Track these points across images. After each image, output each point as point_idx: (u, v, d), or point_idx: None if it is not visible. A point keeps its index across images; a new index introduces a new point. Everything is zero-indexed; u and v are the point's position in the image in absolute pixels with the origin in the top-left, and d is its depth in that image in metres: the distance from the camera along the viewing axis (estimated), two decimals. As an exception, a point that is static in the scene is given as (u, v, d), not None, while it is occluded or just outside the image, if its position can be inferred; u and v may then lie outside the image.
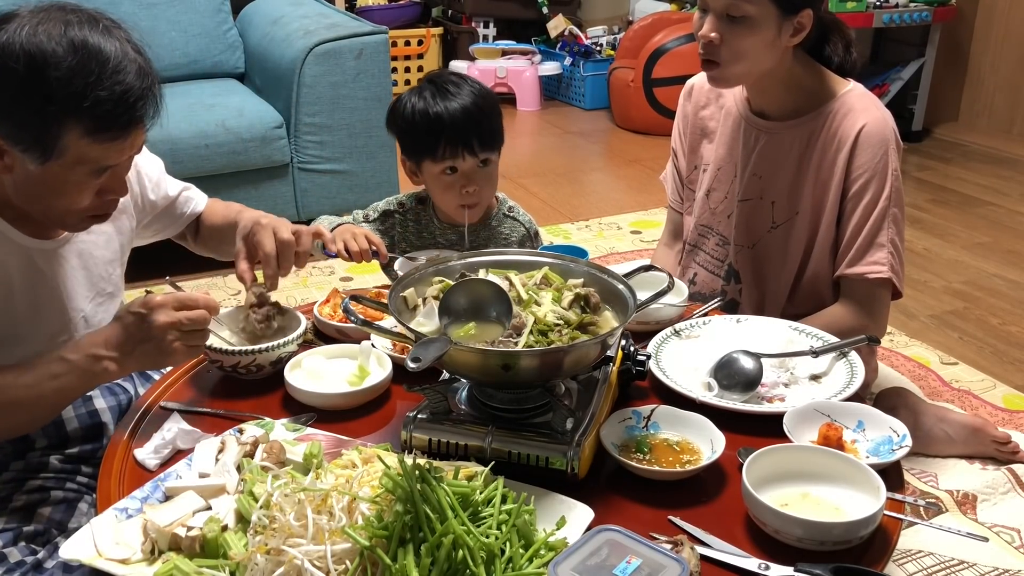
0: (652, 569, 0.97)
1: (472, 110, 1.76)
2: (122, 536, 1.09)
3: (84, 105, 1.20)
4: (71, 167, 1.26)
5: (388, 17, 5.38)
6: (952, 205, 3.81)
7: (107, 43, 1.23)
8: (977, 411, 2.27)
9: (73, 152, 1.24)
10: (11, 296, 1.39)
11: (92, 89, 1.20)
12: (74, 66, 1.19)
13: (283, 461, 1.20)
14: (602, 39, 5.45)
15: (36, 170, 1.25)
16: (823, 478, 1.19)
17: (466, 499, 1.03)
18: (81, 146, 1.24)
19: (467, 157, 1.76)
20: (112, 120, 1.23)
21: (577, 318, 1.26)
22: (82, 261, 1.49)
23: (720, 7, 1.62)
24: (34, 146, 1.23)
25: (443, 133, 1.75)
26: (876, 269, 1.73)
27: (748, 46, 1.63)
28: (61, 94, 1.20)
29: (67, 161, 1.25)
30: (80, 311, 1.50)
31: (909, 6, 4.32)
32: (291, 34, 3.21)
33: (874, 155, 1.69)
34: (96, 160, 1.27)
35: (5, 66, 1.19)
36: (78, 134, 1.22)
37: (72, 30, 1.21)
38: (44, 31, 1.20)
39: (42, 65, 1.19)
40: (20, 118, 1.22)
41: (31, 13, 1.23)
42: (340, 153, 3.20)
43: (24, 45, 1.19)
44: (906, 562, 1.77)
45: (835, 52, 1.77)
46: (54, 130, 1.22)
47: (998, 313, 2.90)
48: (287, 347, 1.46)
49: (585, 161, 4.52)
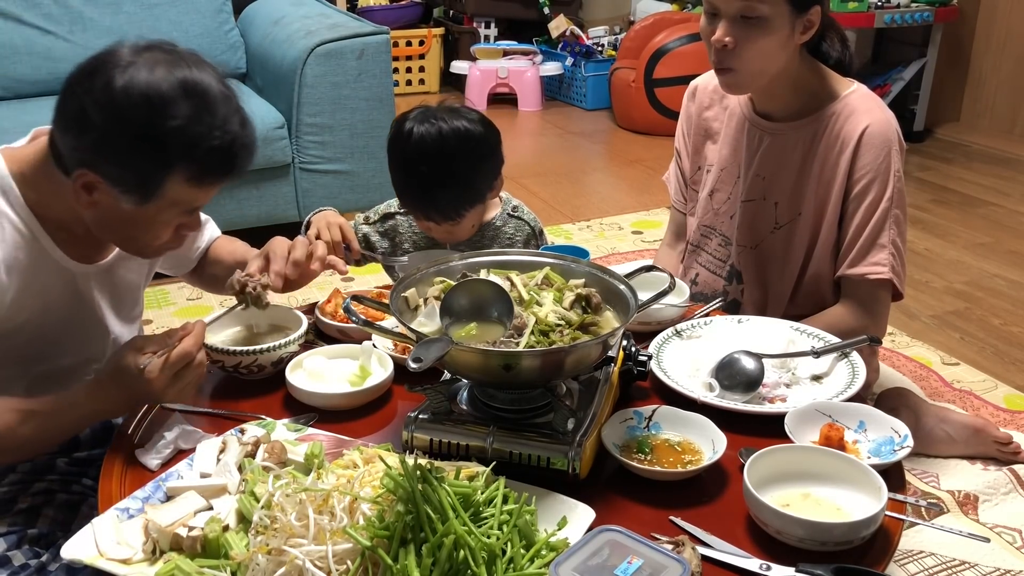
0: (653, 569, 0.97)
1: (442, 186, 1.67)
2: (123, 536, 1.09)
3: (195, 154, 1.20)
4: (165, 208, 1.26)
5: (389, 17, 5.38)
6: (953, 205, 3.81)
7: (213, 87, 1.22)
8: (978, 411, 2.27)
9: (171, 195, 1.24)
10: (47, 313, 1.39)
11: (205, 139, 1.20)
12: (191, 114, 1.18)
13: (284, 461, 1.20)
14: (603, 39, 5.45)
15: (129, 209, 1.24)
16: (824, 478, 1.19)
17: (467, 499, 1.03)
18: (180, 190, 1.24)
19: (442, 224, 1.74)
20: (217, 168, 1.24)
21: (578, 318, 1.26)
22: (115, 286, 1.49)
23: (734, 10, 1.59)
24: (136, 189, 1.22)
25: (416, 205, 1.73)
26: (877, 270, 1.72)
27: (764, 48, 1.61)
28: (177, 142, 1.19)
29: (163, 203, 1.25)
30: (111, 334, 1.51)
31: (911, 6, 4.32)
32: (292, 34, 3.21)
33: (876, 156, 1.69)
34: (190, 202, 1.27)
35: (125, 111, 1.17)
36: (181, 180, 1.22)
37: (182, 71, 1.20)
38: (161, 75, 1.18)
39: (162, 112, 1.17)
40: (130, 162, 1.21)
41: (134, 52, 1.21)
42: (341, 153, 3.20)
43: (144, 90, 1.17)
44: (907, 562, 1.76)
45: (832, 48, 1.77)
46: (160, 177, 1.21)
47: (999, 313, 2.89)
48: (288, 347, 1.46)
49: (586, 161, 4.52)
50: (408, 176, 1.70)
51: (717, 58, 1.66)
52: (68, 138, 1.22)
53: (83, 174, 1.22)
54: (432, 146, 1.66)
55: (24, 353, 1.39)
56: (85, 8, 3.21)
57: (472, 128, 1.68)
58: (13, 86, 3.14)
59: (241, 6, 3.70)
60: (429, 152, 1.66)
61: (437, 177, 1.67)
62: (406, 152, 1.68)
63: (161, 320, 2.74)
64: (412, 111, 1.72)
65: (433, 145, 1.66)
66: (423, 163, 1.66)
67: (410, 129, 1.68)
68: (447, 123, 1.67)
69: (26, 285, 1.33)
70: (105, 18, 3.25)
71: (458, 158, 1.67)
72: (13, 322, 1.33)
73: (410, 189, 1.72)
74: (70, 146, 1.22)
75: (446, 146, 1.66)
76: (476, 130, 1.69)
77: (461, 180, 1.69)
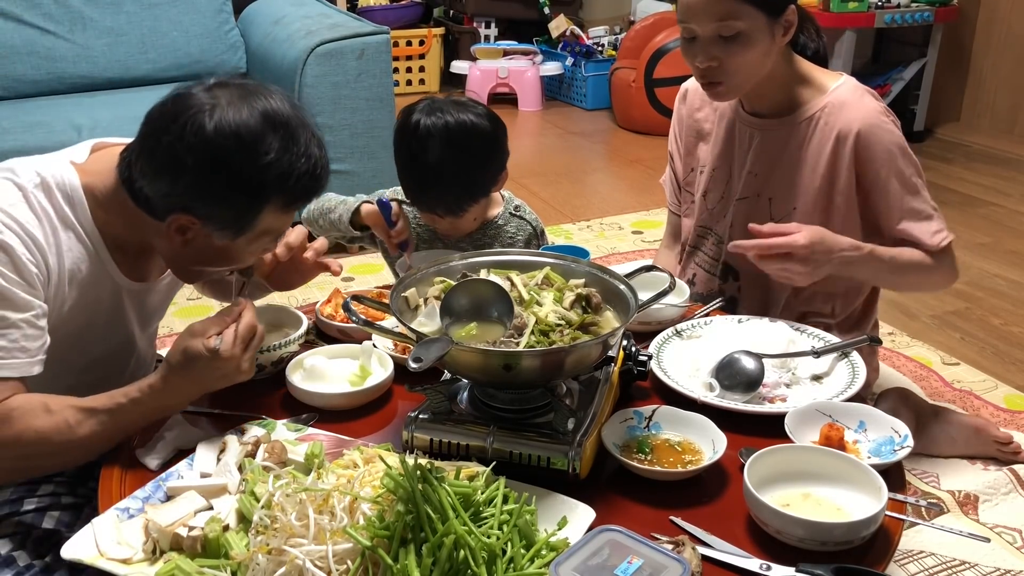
0: (653, 569, 0.97)
1: (447, 179, 1.67)
2: (124, 536, 1.10)
3: (287, 184, 1.21)
4: (257, 238, 1.27)
5: (390, 17, 5.39)
6: (954, 205, 3.81)
7: (289, 113, 1.23)
8: (979, 411, 2.27)
9: (264, 225, 1.25)
10: (92, 329, 1.39)
11: (295, 167, 1.21)
12: (280, 146, 1.19)
13: (284, 461, 1.21)
14: (604, 39, 5.45)
15: (222, 244, 1.25)
16: (825, 478, 1.19)
17: (467, 499, 1.03)
18: (273, 219, 1.25)
19: (445, 217, 1.75)
20: (307, 192, 1.26)
21: (579, 318, 1.26)
22: (147, 303, 1.50)
23: (710, 31, 1.60)
24: (232, 225, 1.23)
25: (421, 198, 1.74)
26: (938, 239, 1.74)
27: (747, 60, 1.62)
28: (272, 176, 1.20)
29: (255, 234, 1.26)
30: (136, 348, 1.52)
31: (911, 6, 4.32)
32: (293, 34, 3.21)
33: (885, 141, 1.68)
34: (279, 229, 1.29)
35: (220, 153, 1.18)
36: (275, 209, 1.23)
37: (261, 102, 1.20)
38: (246, 112, 1.19)
39: (255, 149, 1.18)
40: (228, 202, 1.21)
41: (209, 91, 1.21)
42: (342, 153, 3.20)
43: (236, 129, 1.18)
44: (908, 562, 1.76)
45: (810, 38, 1.79)
46: (256, 208, 1.22)
47: (1000, 313, 2.89)
48: (288, 347, 1.46)
49: (587, 161, 4.52)
50: (414, 168, 1.70)
51: (702, 76, 1.67)
52: (160, 184, 1.23)
53: (178, 218, 1.23)
54: (438, 139, 1.65)
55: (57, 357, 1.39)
56: (85, 8, 3.22)
57: (478, 122, 1.68)
58: (13, 86, 3.15)
59: (241, 6, 3.70)
60: (435, 145, 1.65)
61: (442, 170, 1.66)
62: (412, 144, 1.68)
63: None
64: (419, 103, 1.71)
65: (439, 138, 1.65)
66: (429, 155, 1.66)
67: (417, 121, 1.67)
68: (453, 116, 1.66)
69: (83, 296, 1.34)
70: (105, 18, 3.25)
71: (464, 152, 1.66)
72: (59, 332, 1.32)
73: (415, 182, 1.72)
74: (162, 192, 1.23)
75: (452, 139, 1.65)
76: (482, 124, 1.68)
77: (466, 174, 1.69)
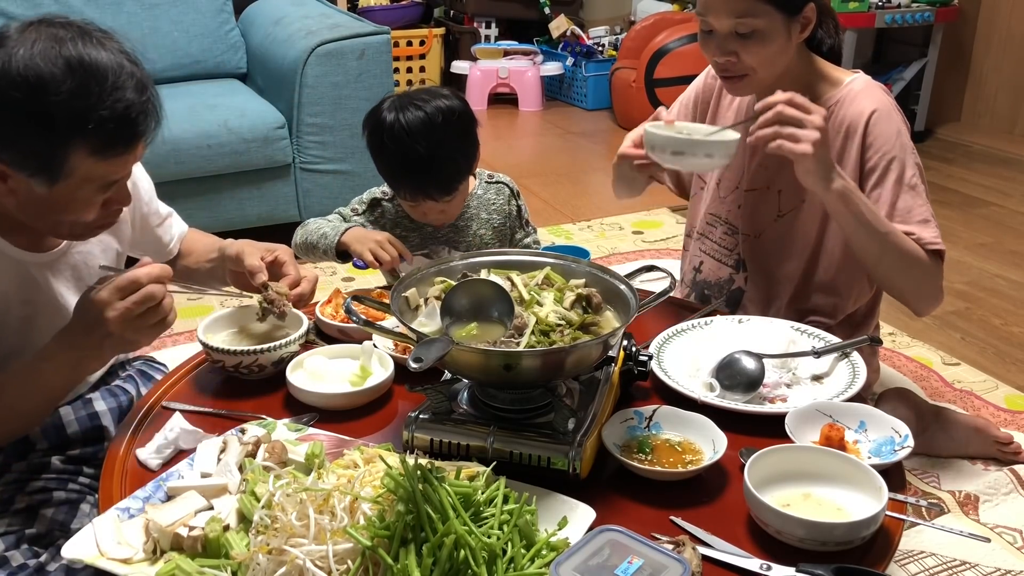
0: (654, 569, 0.97)
1: (440, 162, 1.76)
2: (124, 536, 1.10)
3: (88, 127, 1.19)
4: (79, 186, 1.25)
5: (390, 17, 5.38)
6: (954, 206, 3.81)
7: (102, 57, 1.20)
8: (979, 412, 2.27)
9: (80, 171, 1.23)
10: (7, 311, 1.38)
11: (94, 110, 1.18)
12: (74, 88, 1.17)
13: (285, 461, 1.21)
14: (604, 39, 5.45)
15: (43, 192, 1.24)
16: (825, 479, 1.19)
17: (468, 499, 1.03)
18: (87, 165, 1.22)
19: (427, 201, 1.82)
20: (116, 138, 1.23)
21: (579, 318, 1.26)
22: (79, 272, 1.47)
23: (727, 28, 1.61)
24: (41, 171, 1.22)
25: (415, 187, 1.80)
26: (929, 245, 1.76)
27: (764, 57, 1.63)
28: (64, 118, 1.18)
29: (75, 181, 1.24)
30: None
31: (911, 6, 4.31)
32: (293, 34, 3.21)
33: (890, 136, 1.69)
34: (103, 176, 1.26)
35: (5, 94, 1.17)
36: (84, 154, 1.21)
37: (66, 48, 1.18)
38: (39, 53, 1.17)
39: (42, 90, 1.16)
40: (25, 145, 1.20)
41: (21, 32, 1.20)
42: (342, 153, 3.20)
43: (22, 71, 1.16)
44: (908, 563, 1.76)
45: (827, 34, 1.79)
46: (60, 154, 1.20)
47: (1000, 314, 2.89)
48: (289, 347, 1.46)
49: (587, 161, 4.52)
50: (404, 162, 1.77)
51: (721, 70, 1.69)
52: None
53: None
54: (424, 128, 1.74)
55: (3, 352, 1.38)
56: (85, 8, 3.21)
57: (453, 104, 1.79)
58: (14, 86, 3.15)
59: (242, 6, 3.70)
60: (423, 134, 1.74)
61: (433, 156, 1.75)
62: (399, 140, 1.75)
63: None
64: (384, 102, 1.81)
65: (424, 127, 1.74)
66: (420, 148, 1.74)
67: (395, 118, 1.76)
68: (429, 104, 1.76)
69: None
70: (106, 18, 3.24)
71: (449, 134, 1.76)
72: None
73: (407, 174, 1.79)
74: None
75: (436, 126, 1.75)
76: (456, 104, 1.79)
77: (457, 152, 1.79)
